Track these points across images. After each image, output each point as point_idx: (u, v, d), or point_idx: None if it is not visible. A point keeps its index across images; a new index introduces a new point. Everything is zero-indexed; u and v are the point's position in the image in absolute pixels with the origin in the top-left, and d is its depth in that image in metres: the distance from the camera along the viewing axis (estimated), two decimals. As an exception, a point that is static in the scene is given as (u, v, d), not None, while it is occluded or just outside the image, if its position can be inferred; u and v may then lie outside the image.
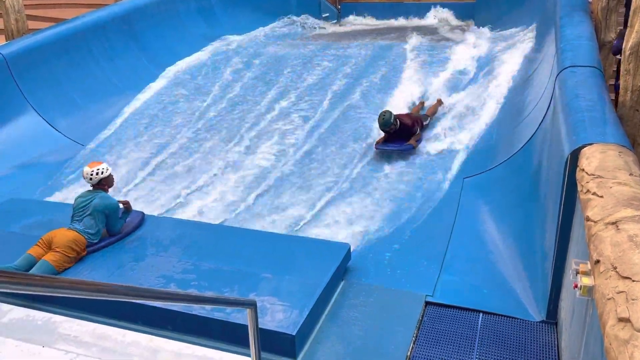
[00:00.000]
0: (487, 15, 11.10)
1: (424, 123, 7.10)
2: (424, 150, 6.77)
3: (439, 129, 7.16)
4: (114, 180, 5.01)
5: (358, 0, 13.13)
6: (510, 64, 8.26)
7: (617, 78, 5.97)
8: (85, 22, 8.73)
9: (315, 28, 12.17)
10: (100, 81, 8.55)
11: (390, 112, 6.59)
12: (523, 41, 8.80)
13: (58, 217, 5.10)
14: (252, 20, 11.60)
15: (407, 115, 6.88)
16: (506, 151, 6.09)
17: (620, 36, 5.89)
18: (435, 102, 7.60)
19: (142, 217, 5.15)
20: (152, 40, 9.63)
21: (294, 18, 12.27)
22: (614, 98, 6.28)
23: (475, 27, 10.94)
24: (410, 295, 4.31)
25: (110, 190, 4.98)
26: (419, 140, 6.79)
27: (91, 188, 4.84)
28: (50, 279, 1.60)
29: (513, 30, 9.46)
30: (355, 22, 12.95)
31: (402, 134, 6.68)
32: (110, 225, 4.80)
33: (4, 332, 3.82)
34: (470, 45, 9.44)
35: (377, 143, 6.76)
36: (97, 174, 4.75)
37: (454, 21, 12.05)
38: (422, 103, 7.69)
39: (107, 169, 4.83)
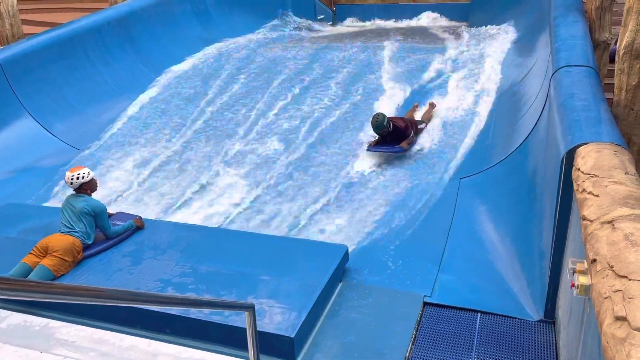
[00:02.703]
0: (481, 17, 11.13)
1: (419, 127, 7.10)
2: (421, 150, 6.78)
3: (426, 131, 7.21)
4: (97, 184, 5.02)
5: (353, 2, 13.16)
6: (504, 64, 8.29)
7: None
8: (81, 26, 8.71)
9: (311, 30, 12.18)
10: (96, 85, 8.53)
11: (384, 115, 6.59)
12: (517, 41, 8.83)
13: (54, 221, 5.09)
14: (248, 23, 11.61)
15: (401, 118, 6.88)
16: (502, 151, 6.11)
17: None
18: (428, 106, 7.58)
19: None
20: (148, 44, 9.63)
21: (290, 20, 12.28)
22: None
23: (470, 28, 10.97)
24: (408, 295, 4.32)
25: (108, 194, 4.97)
26: (411, 144, 6.79)
27: (74, 192, 4.86)
28: (47, 285, 1.60)
29: (508, 30, 9.49)
30: (351, 24, 12.98)
31: (395, 137, 6.69)
32: (102, 227, 4.81)
33: (3, 338, 3.81)
34: (464, 46, 9.47)
35: (370, 145, 6.77)
36: (77, 178, 4.76)
37: (448, 22, 12.10)
38: (415, 106, 7.69)
39: (89, 174, 4.84)
